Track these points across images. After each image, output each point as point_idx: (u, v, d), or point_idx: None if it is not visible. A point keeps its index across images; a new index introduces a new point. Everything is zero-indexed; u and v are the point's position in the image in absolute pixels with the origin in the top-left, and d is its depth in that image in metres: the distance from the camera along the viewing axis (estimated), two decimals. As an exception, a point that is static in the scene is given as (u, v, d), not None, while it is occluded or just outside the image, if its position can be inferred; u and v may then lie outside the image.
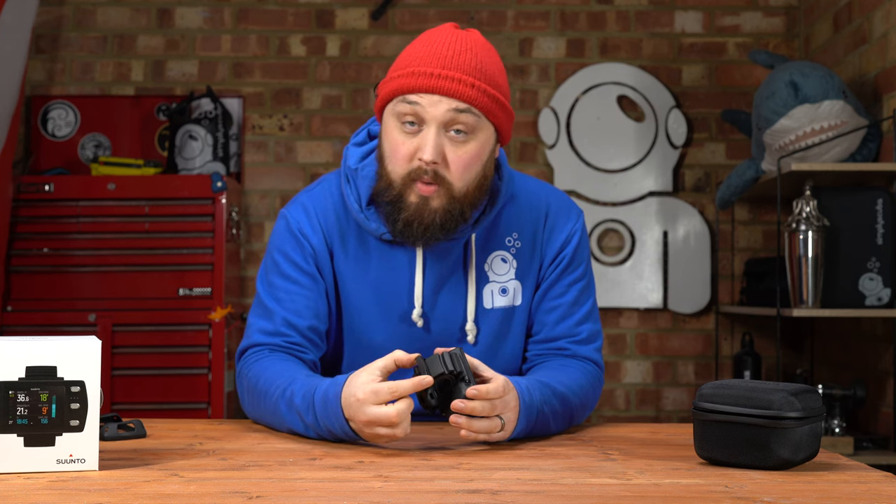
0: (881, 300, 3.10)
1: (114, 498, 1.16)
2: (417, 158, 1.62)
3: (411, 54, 1.65)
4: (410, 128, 1.62)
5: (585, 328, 1.79)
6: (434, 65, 1.61)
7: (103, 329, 3.54)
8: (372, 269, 1.74)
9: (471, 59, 1.62)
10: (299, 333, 1.72)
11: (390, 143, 1.65)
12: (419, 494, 1.20)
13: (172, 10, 4.09)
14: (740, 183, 3.58)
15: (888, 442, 3.19)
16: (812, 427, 1.34)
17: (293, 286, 1.73)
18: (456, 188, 1.64)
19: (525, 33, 4.09)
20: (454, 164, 1.62)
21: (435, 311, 1.74)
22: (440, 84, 1.60)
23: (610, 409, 4.02)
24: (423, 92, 1.61)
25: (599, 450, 1.52)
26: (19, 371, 1.27)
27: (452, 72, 1.61)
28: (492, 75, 1.64)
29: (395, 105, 1.64)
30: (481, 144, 1.65)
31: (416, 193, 1.63)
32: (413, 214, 1.64)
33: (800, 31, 4.07)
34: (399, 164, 1.63)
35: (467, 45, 1.64)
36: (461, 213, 1.66)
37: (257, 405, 1.68)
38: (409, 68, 1.63)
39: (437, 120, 1.61)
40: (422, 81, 1.61)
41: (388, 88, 1.65)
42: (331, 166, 4.05)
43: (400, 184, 1.64)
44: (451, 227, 1.66)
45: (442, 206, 1.64)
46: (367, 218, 1.72)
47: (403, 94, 1.62)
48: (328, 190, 1.78)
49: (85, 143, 4.04)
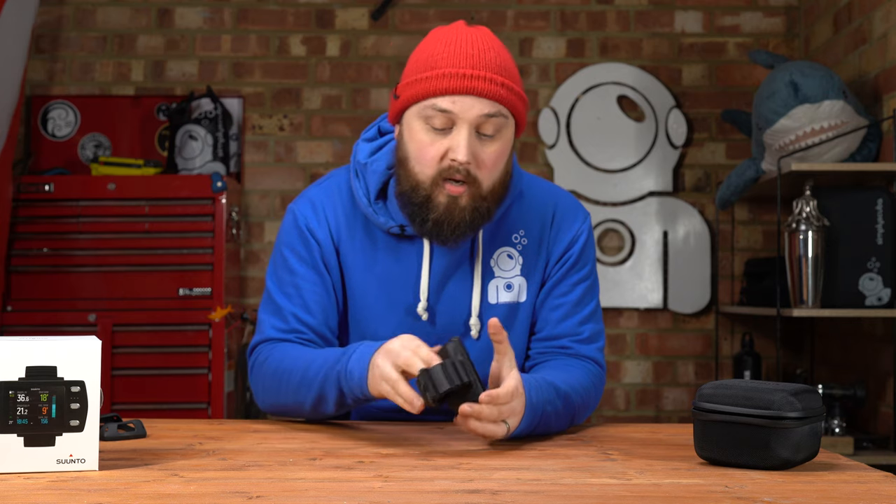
0: (881, 300, 3.10)
1: (114, 498, 1.16)
2: (450, 159, 1.62)
3: (433, 55, 1.64)
4: (439, 128, 1.62)
5: (588, 327, 1.80)
6: (463, 65, 1.61)
7: (103, 329, 3.54)
8: (379, 262, 1.75)
9: (494, 56, 1.63)
10: (310, 329, 1.75)
11: (417, 144, 1.64)
12: (419, 494, 1.20)
13: (172, 10, 4.09)
14: (740, 183, 3.58)
15: (888, 442, 3.19)
16: (812, 427, 1.34)
17: (301, 281, 1.75)
18: (484, 186, 1.65)
19: (525, 33, 4.09)
20: (484, 164, 1.63)
21: (440, 304, 1.75)
22: (473, 85, 1.60)
23: (610, 409, 4.02)
24: (456, 94, 1.60)
25: (599, 450, 1.52)
26: (19, 371, 1.27)
27: (482, 71, 1.61)
28: (512, 70, 1.66)
29: (422, 108, 1.63)
30: (507, 141, 1.66)
31: (445, 194, 1.64)
32: (443, 214, 1.64)
33: (800, 31, 4.07)
34: (428, 165, 1.63)
35: (487, 42, 1.64)
36: (487, 211, 1.67)
37: (280, 385, 1.69)
38: (438, 70, 1.61)
39: (469, 121, 1.61)
40: (455, 83, 1.60)
41: (416, 90, 1.63)
42: (331, 166, 4.05)
43: (429, 185, 1.64)
44: (479, 225, 1.68)
45: (470, 205, 1.64)
46: (375, 212, 1.73)
47: (435, 95, 1.61)
48: (336, 184, 1.80)
49: (85, 143, 4.04)
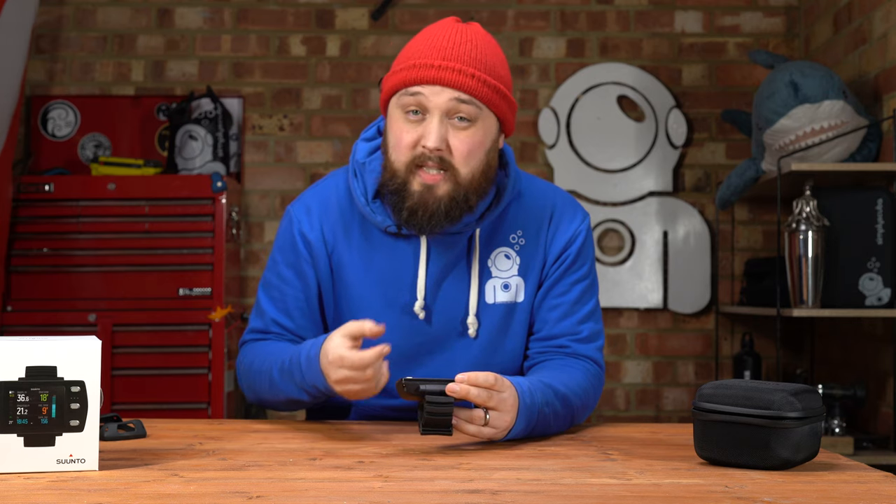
0: (881, 300, 3.10)
1: (114, 498, 1.16)
2: (421, 146, 1.65)
3: (413, 48, 1.69)
4: (414, 117, 1.66)
5: (587, 327, 1.80)
6: (435, 57, 1.65)
7: (103, 329, 3.54)
8: (376, 261, 1.76)
9: (470, 49, 1.66)
10: (289, 333, 1.81)
11: (394, 133, 1.68)
12: (419, 494, 1.20)
13: (172, 10, 4.09)
14: (740, 183, 3.58)
15: (888, 442, 3.19)
16: (812, 427, 1.34)
17: (286, 286, 1.80)
18: (461, 174, 1.66)
19: (525, 33, 4.09)
20: (457, 150, 1.65)
21: (437, 303, 1.76)
22: (441, 75, 1.63)
23: (610, 409, 4.02)
24: (424, 83, 1.64)
25: (599, 450, 1.52)
26: (19, 371, 1.27)
27: (452, 63, 1.64)
28: (492, 66, 1.67)
29: (398, 97, 1.67)
30: (483, 132, 1.68)
31: (419, 181, 1.66)
32: (417, 202, 1.66)
33: (800, 31, 4.07)
34: (402, 153, 1.66)
35: (467, 37, 1.67)
36: (465, 201, 1.68)
37: (255, 381, 1.77)
38: (411, 61, 1.66)
39: (439, 108, 1.64)
40: (423, 73, 1.64)
41: (392, 82, 1.68)
42: (331, 166, 4.05)
43: (404, 171, 1.67)
44: (456, 216, 1.68)
45: (447, 194, 1.66)
46: (372, 211, 1.75)
47: (406, 86, 1.65)
48: (334, 184, 1.83)
49: (85, 143, 4.04)
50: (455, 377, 1.49)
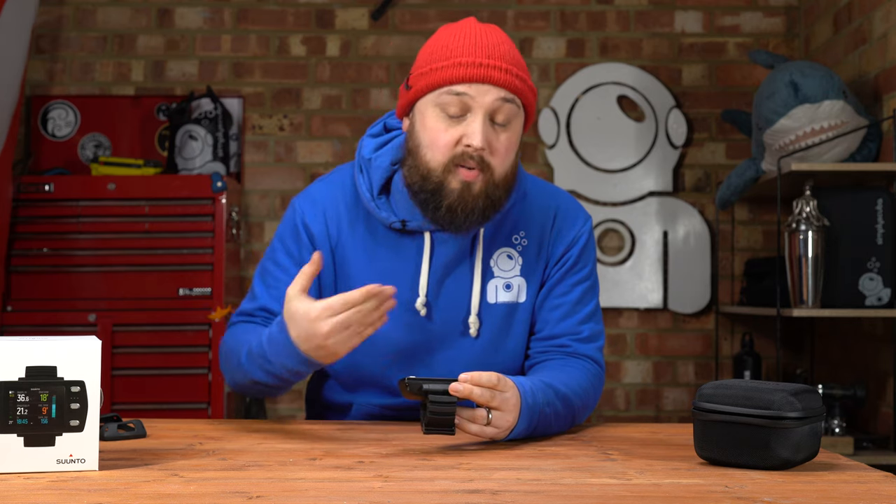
0: (881, 300, 3.10)
1: (114, 498, 1.16)
2: (464, 145, 1.64)
3: (448, 46, 1.66)
4: (453, 116, 1.65)
5: (588, 327, 1.80)
6: (479, 55, 1.64)
7: (103, 329, 3.54)
8: (379, 257, 1.77)
9: (508, 49, 1.67)
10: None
11: (430, 131, 1.66)
12: (419, 494, 1.20)
13: (172, 10, 4.09)
14: (740, 183, 3.58)
15: (888, 442, 3.19)
16: (812, 427, 1.34)
17: (282, 274, 1.79)
18: (497, 174, 1.66)
19: (525, 33, 4.09)
20: (497, 151, 1.65)
21: (439, 301, 1.76)
22: (488, 73, 1.63)
23: (610, 409, 4.02)
24: (471, 81, 1.63)
25: (599, 450, 1.52)
26: (19, 371, 1.27)
27: (497, 61, 1.64)
28: (523, 65, 1.69)
29: (437, 95, 1.65)
30: (518, 132, 1.69)
31: (458, 179, 1.65)
32: (456, 200, 1.66)
33: (800, 31, 4.07)
34: (440, 152, 1.65)
35: (500, 36, 1.68)
36: (500, 200, 1.69)
37: (228, 364, 1.77)
38: (453, 59, 1.64)
39: (484, 108, 1.63)
40: (471, 71, 1.63)
41: (431, 80, 1.66)
42: (330, 166, 4.05)
43: (440, 171, 1.66)
44: (490, 214, 1.69)
45: (484, 192, 1.66)
46: (377, 206, 1.75)
47: (451, 83, 1.64)
48: (340, 180, 1.83)
49: (85, 143, 4.04)
50: (458, 377, 1.48)
